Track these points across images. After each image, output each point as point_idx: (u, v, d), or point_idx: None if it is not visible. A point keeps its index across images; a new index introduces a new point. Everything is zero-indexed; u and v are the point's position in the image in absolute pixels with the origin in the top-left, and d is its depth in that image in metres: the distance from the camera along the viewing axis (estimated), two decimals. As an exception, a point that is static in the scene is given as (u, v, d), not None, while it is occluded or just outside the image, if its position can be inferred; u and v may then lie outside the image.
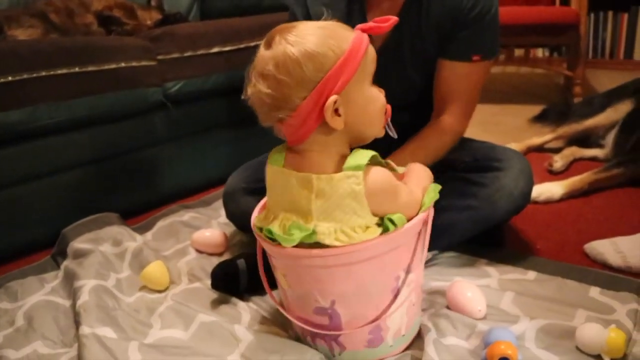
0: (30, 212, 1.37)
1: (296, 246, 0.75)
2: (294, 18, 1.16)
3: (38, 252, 1.37)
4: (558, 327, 0.90)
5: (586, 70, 2.80)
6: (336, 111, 0.73)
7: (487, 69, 1.13)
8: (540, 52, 3.81)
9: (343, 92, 0.72)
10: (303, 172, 0.75)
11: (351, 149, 0.77)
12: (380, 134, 0.81)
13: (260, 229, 0.82)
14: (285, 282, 0.84)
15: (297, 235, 0.73)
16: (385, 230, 0.76)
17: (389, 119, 0.81)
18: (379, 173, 0.76)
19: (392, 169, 0.83)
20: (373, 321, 0.82)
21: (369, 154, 0.75)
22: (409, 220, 0.78)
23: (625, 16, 3.51)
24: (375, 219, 0.76)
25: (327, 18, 0.76)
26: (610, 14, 3.57)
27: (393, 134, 0.83)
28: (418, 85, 1.16)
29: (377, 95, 0.78)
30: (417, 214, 0.81)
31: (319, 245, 0.75)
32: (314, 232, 0.74)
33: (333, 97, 0.71)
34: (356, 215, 0.74)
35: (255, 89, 0.73)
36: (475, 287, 0.99)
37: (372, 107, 0.78)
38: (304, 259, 0.77)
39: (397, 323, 0.85)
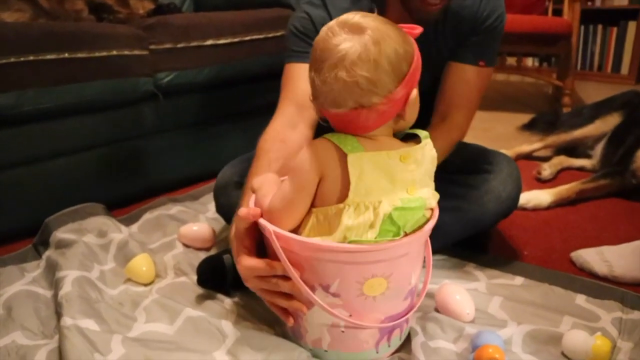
0: (12, 199, 1.33)
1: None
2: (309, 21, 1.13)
3: (19, 241, 1.34)
4: (544, 333, 0.90)
5: (575, 81, 2.84)
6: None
7: (490, 76, 1.16)
8: (530, 62, 3.85)
9: None
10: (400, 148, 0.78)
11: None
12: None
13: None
14: (384, 284, 0.80)
15: (421, 203, 0.77)
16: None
17: None
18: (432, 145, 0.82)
19: None
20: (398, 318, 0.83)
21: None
22: None
23: (615, 30, 3.56)
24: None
25: None
26: (600, 27, 3.62)
27: None
28: (425, 86, 1.15)
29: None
30: None
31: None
32: (421, 199, 0.77)
33: (415, 90, 0.76)
34: (431, 179, 0.82)
35: (351, 71, 0.72)
36: (464, 291, 0.99)
37: (417, 100, 0.80)
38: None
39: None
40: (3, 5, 1.57)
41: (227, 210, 1.23)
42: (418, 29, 0.78)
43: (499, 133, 2.32)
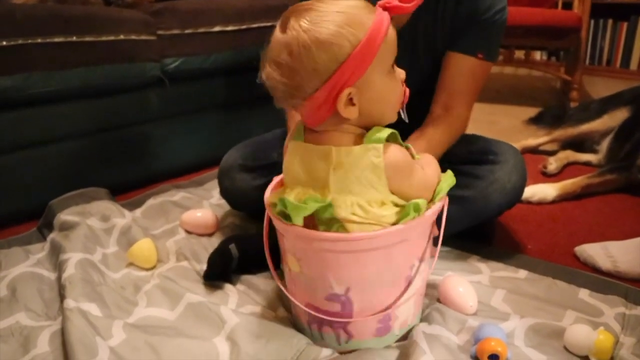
0: (17, 182, 1.34)
1: (319, 229, 0.76)
2: None
3: (23, 224, 1.35)
4: (547, 327, 0.90)
5: (583, 76, 2.81)
6: (350, 100, 0.72)
7: (488, 70, 1.14)
8: (538, 55, 3.81)
9: (359, 80, 0.71)
10: (322, 145, 0.75)
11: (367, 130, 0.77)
12: (393, 119, 0.79)
13: (275, 206, 0.79)
14: (297, 266, 0.82)
15: (312, 206, 0.72)
16: (405, 215, 0.75)
17: (404, 104, 0.81)
18: (397, 149, 0.75)
19: (411, 154, 0.82)
20: (386, 309, 0.81)
21: (389, 130, 0.75)
22: None
23: (625, 25, 3.52)
24: (392, 197, 0.75)
25: None
26: (610, 22, 3.58)
27: (405, 117, 0.82)
28: (426, 72, 1.15)
29: (395, 84, 0.76)
30: (431, 199, 0.81)
31: (343, 229, 0.74)
32: (330, 205, 0.73)
33: (347, 91, 0.70)
34: (374, 189, 0.74)
35: (269, 75, 0.72)
36: (467, 283, 0.99)
37: (389, 94, 0.76)
38: (324, 241, 0.76)
39: (405, 313, 0.85)
40: (11, -13, 1.57)
41: (231, 193, 1.23)
42: (415, 0, 0.73)
43: (506, 126, 2.31)
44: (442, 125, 1.09)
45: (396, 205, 0.76)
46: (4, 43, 1.21)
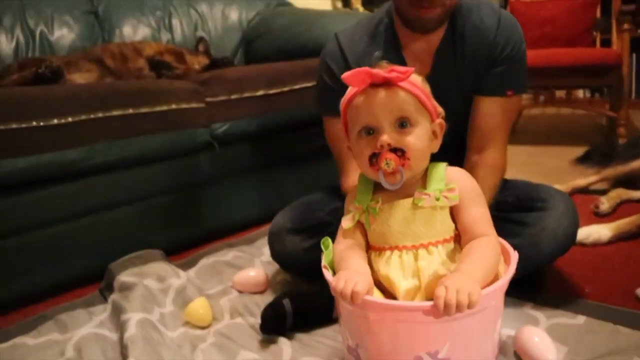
0: (80, 247, 1.41)
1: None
2: (329, 75, 1.20)
3: (87, 286, 1.41)
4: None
5: (629, 110, 2.75)
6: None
7: (520, 103, 1.18)
8: (581, 93, 3.77)
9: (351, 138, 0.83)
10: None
11: None
12: (376, 179, 0.81)
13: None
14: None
15: None
16: None
17: (383, 170, 0.78)
18: None
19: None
20: None
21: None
22: None
23: (669, 57, 3.46)
24: None
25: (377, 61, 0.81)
26: (653, 54, 3.53)
27: (387, 186, 0.80)
28: (459, 119, 1.17)
29: (359, 149, 0.81)
30: None
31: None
32: None
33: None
34: None
35: None
36: (544, 333, 0.94)
37: (357, 157, 0.82)
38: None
39: None
40: (74, 68, 1.72)
41: (281, 256, 1.25)
42: (409, 71, 0.77)
43: (552, 167, 2.27)
44: (481, 169, 1.10)
45: None
46: (70, 119, 1.31)
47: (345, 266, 0.80)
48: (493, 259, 0.77)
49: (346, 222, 0.84)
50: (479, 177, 1.07)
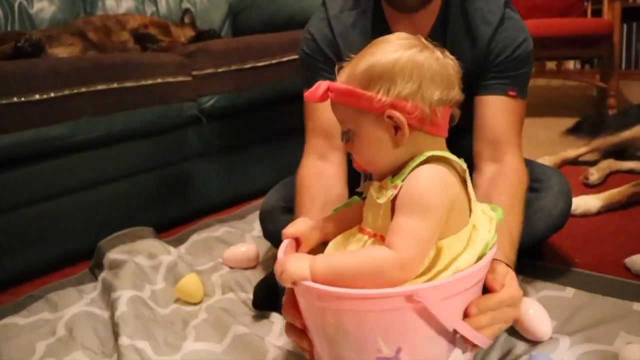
0: (67, 225, 1.40)
1: None
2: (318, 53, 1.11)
3: (76, 265, 1.40)
4: (600, 354, 0.86)
5: (620, 81, 2.75)
6: None
7: (524, 110, 1.05)
8: (571, 64, 3.76)
9: None
10: None
11: None
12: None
13: None
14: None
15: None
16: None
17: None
18: None
19: None
20: None
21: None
22: None
23: (659, 26, 3.45)
24: None
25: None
26: (643, 24, 3.51)
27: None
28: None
29: None
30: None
31: None
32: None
33: None
34: None
35: None
36: (539, 305, 0.93)
37: None
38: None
39: None
40: (56, 42, 1.67)
41: (275, 235, 1.22)
42: None
43: (543, 139, 2.27)
44: (506, 180, 0.95)
45: None
46: (52, 94, 1.28)
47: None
48: (359, 264, 0.66)
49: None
50: (506, 189, 0.94)
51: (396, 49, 0.69)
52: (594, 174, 1.72)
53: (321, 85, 0.70)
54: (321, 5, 1.13)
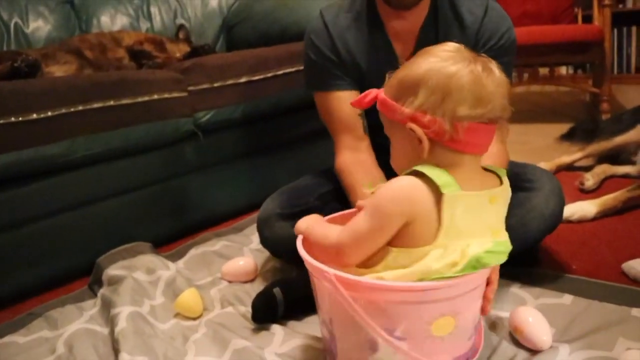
0: (66, 242, 1.40)
1: None
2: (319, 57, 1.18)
3: (75, 281, 1.40)
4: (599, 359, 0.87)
5: (612, 86, 2.77)
6: None
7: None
8: (564, 70, 3.78)
9: None
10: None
11: None
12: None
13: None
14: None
15: (507, 247, 0.77)
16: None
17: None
18: None
19: None
20: None
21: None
22: None
23: (650, 31, 3.48)
24: None
25: None
26: (634, 29, 3.54)
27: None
28: None
29: None
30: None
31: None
32: (507, 243, 0.77)
33: None
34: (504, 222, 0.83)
35: None
36: (539, 314, 0.94)
37: None
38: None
39: None
40: (52, 60, 1.68)
41: (271, 242, 1.25)
42: (370, 96, 0.78)
43: (538, 145, 2.28)
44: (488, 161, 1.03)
45: None
46: (49, 113, 1.28)
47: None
48: (321, 235, 0.81)
49: None
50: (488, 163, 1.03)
51: (433, 60, 0.71)
52: (590, 180, 1.73)
53: (370, 94, 0.77)
54: (319, 14, 1.21)
